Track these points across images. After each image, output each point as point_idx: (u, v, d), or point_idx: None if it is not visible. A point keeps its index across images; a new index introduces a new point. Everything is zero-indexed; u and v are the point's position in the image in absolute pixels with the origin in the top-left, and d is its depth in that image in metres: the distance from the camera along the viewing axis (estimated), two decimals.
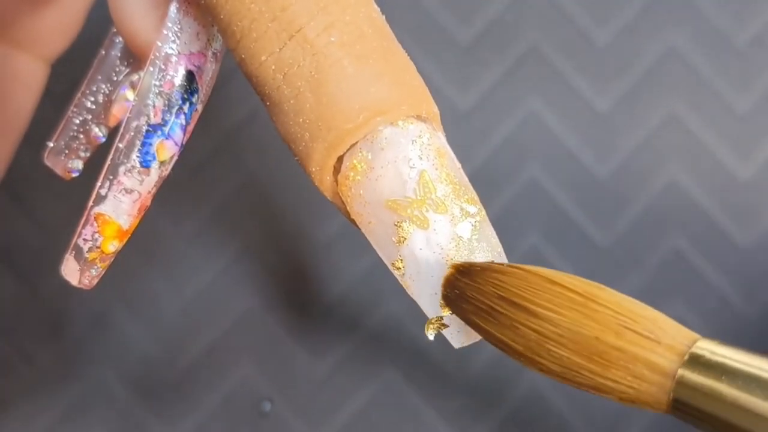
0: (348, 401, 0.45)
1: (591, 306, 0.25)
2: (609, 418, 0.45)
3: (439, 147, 0.26)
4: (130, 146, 0.27)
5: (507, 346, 0.25)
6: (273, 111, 0.26)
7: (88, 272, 0.28)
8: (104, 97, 0.33)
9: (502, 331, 0.25)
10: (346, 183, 0.26)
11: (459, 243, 0.26)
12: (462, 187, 0.26)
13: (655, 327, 0.24)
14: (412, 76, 0.27)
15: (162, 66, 0.27)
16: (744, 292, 0.45)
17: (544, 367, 0.25)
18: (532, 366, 0.25)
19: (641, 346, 0.24)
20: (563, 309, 0.25)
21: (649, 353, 0.24)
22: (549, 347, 0.25)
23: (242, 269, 0.46)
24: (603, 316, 0.24)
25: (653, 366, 0.24)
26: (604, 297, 0.25)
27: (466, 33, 0.47)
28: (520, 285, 0.25)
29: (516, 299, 0.25)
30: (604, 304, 0.25)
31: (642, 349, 0.24)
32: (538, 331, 0.25)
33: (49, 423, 0.45)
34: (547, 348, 0.25)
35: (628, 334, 0.24)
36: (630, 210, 0.46)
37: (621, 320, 0.24)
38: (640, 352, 0.24)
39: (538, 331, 0.25)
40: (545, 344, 0.25)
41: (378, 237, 0.26)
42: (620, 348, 0.24)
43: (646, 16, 0.47)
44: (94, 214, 0.27)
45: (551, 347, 0.25)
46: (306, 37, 0.25)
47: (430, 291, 0.27)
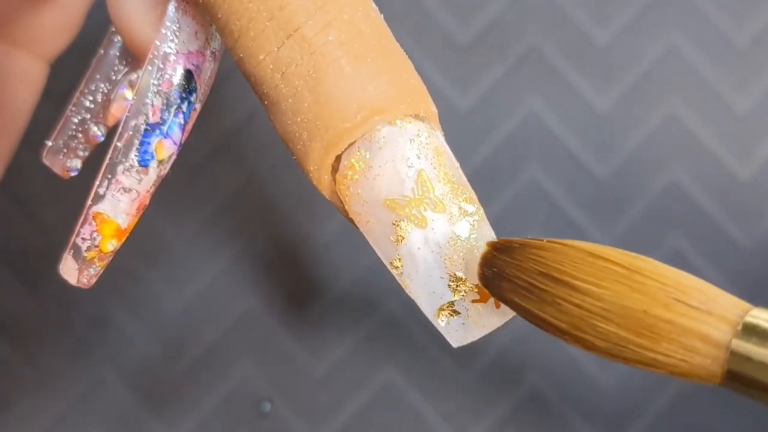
0: (348, 401, 0.45)
1: (636, 278, 0.24)
2: (609, 419, 0.45)
3: (437, 146, 0.26)
4: (128, 145, 0.27)
5: (549, 324, 0.25)
6: (271, 110, 0.26)
7: (87, 271, 0.28)
8: (103, 97, 0.33)
9: (543, 309, 0.25)
10: (344, 182, 0.26)
11: (457, 242, 0.26)
12: (460, 186, 0.26)
13: (705, 297, 0.24)
14: (410, 75, 0.27)
15: (160, 65, 0.27)
16: (744, 292, 0.45)
17: (589, 344, 0.24)
18: (577, 343, 0.25)
19: (692, 318, 0.23)
20: (607, 282, 0.24)
21: (701, 324, 0.23)
22: (594, 323, 0.24)
23: (242, 269, 0.46)
24: (650, 289, 0.24)
25: (706, 338, 0.23)
26: (650, 269, 0.24)
27: (466, 33, 0.47)
28: (560, 260, 0.25)
29: (557, 274, 0.25)
30: (650, 275, 0.24)
31: (693, 321, 0.23)
32: (582, 307, 0.24)
33: (49, 423, 0.45)
34: (593, 323, 0.24)
35: (677, 306, 0.23)
36: (630, 210, 0.46)
37: (669, 292, 0.24)
38: (692, 324, 0.23)
39: (582, 307, 0.24)
40: (590, 320, 0.24)
41: (376, 236, 0.27)
42: (670, 320, 0.23)
43: (646, 16, 0.47)
44: (93, 213, 0.27)
45: (597, 322, 0.24)
46: (304, 36, 0.25)
47: (428, 290, 0.27)
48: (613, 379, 0.45)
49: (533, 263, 0.25)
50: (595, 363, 0.45)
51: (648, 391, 0.45)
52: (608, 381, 0.45)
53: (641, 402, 0.45)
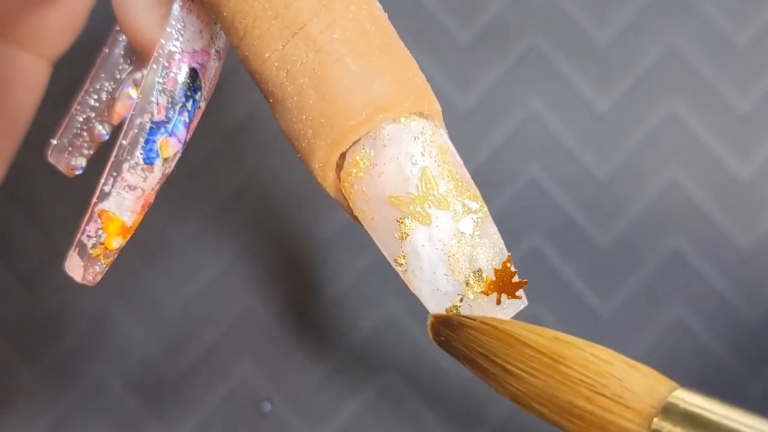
0: (348, 401, 0.45)
1: (560, 369, 0.25)
2: None
3: (442, 144, 0.27)
4: (133, 143, 0.27)
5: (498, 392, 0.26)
6: (276, 108, 0.26)
7: (92, 268, 0.28)
8: (107, 95, 0.33)
9: (488, 381, 0.26)
10: (349, 179, 0.26)
11: (461, 239, 0.26)
12: (464, 183, 0.27)
13: (623, 389, 0.25)
14: (415, 73, 0.27)
15: (165, 63, 0.27)
16: (744, 293, 0.45)
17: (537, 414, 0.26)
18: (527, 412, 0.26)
19: (611, 411, 0.25)
20: (536, 372, 0.26)
21: (619, 418, 0.25)
22: (531, 404, 0.26)
23: (242, 269, 0.46)
24: (573, 380, 0.25)
25: (624, 431, 0.25)
26: (573, 358, 0.26)
27: (466, 33, 0.47)
28: (494, 344, 0.26)
29: (493, 357, 0.26)
30: (572, 366, 0.25)
31: (612, 414, 0.25)
32: (519, 389, 0.26)
33: (49, 423, 0.45)
34: (530, 404, 0.26)
35: (598, 399, 0.25)
36: (630, 210, 0.46)
37: (590, 384, 0.25)
38: (611, 417, 0.25)
39: (519, 389, 0.26)
40: (527, 401, 0.26)
41: (380, 233, 0.27)
42: (593, 413, 0.25)
43: (646, 16, 0.47)
44: (98, 211, 0.28)
45: (533, 404, 0.26)
46: (309, 35, 0.25)
47: (432, 287, 0.27)
48: None
49: (472, 343, 0.26)
50: None
51: None
52: None
53: None
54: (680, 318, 0.45)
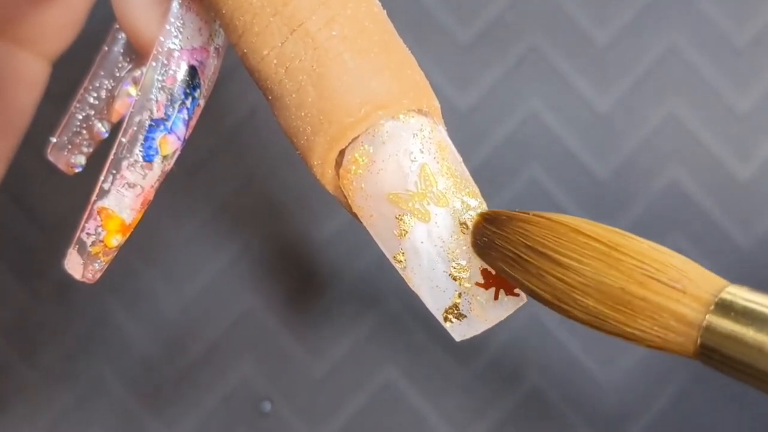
0: (348, 401, 0.45)
1: (615, 255, 0.25)
2: (609, 418, 0.45)
3: (440, 140, 0.27)
4: (133, 141, 0.27)
5: (534, 294, 0.26)
6: (275, 105, 0.26)
7: (92, 266, 0.28)
8: (107, 93, 0.33)
9: (529, 279, 0.26)
10: (348, 176, 0.26)
11: (460, 236, 0.26)
12: (463, 180, 0.27)
13: (681, 276, 0.24)
14: (413, 70, 0.27)
15: (164, 61, 0.27)
16: None
17: (572, 315, 0.25)
18: (561, 313, 0.25)
19: (666, 296, 0.24)
20: (587, 258, 0.25)
21: (675, 303, 0.24)
22: (575, 296, 0.25)
23: (242, 269, 0.46)
24: (627, 266, 0.24)
25: (679, 316, 0.24)
26: (629, 246, 0.25)
27: (466, 33, 0.47)
28: (544, 234, 0.25)
29: (541, 248, 0.25)
30: (628, 253, 0.25)
31: (667, 299, 0.24)
32: (563, 280, 0.25)
33: (49, 423, 0.45)
34: (573, 297, 0.25)
35: (652, 284, 0.24)
36: (630, 210, 0.46)
37: (645, 269, 0.24)
38: (666, 302, 0.24)
39: (563, 280, 0.25)
40: (571, 293, 0.25)
41: (380, 230, 0.27)
42: (645, 298, 0.24)
43: (646, 16, 0.47)
44: (98, 209, 0.28)
45: (577, 296, 0.25)
46: (307, 32, 0.25)
47: (431, 284, 0.27)
48: (614, 379, 0.45)
49: (519, 236, 0.26)
50: (595, 362, 0.45)
51: (648, 391, 0.45)
52: (608, 380, 0.45)
53: (641, 402, 0.45)
54: None
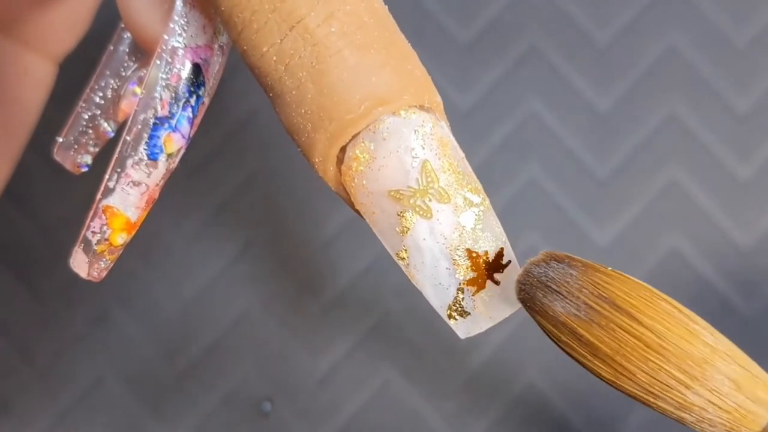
0: (348, 401, 0.45)
1: (695, 328, 0.25)
2: (607, 417, 0.45)
3: (442, 136, 0.27)
4: (137, 139, 0.27)
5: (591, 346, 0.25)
6: (276, 102, 0.26)
7: (97, 264, 0.28)
8: (113, 93, 0.33)
9: (591, 330, 0.25)
10: (349, 173, 0.26)
11: (462, 232, 0.26)
12: (465, 176, 0.26)
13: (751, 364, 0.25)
14: (415, 66, 0.27)
15: (169, 59, 0.27)
16: (744, 292, 0.45)
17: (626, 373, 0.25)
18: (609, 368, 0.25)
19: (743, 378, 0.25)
20: (670, 324, 0.25)
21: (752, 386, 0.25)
22: (648, 356, 0.25)
23: (242, 269, 0.46)
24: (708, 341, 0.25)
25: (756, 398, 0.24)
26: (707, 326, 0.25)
27: (466, 33, 0.47)
28: (627, 291, 0.25)
29: (621, 303, 0.25)
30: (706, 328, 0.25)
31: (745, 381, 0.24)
32: (639, 339, 0.25)
33: (49, 423, 0.45)
34: (645, 356, 0.25)
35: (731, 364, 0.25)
36: (630, 210, 0.46)
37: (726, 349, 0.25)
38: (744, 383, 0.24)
39: (639, 339, 0.25)
40: (644, 353, 0.25)
41: (382, 227, 0.27)
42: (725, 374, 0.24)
43: (646, 16, 0.47)
44: (103, 207, 0.28)
45: (651, 357, 0.25)
46: (307, 28, 0.25)
47: (434, 281, 0.27)
48: None
49: (595, 286, 0.26)
50: None
51: None
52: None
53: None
54: None
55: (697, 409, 0.25)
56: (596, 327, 0.25)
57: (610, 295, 0.25)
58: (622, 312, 0.25)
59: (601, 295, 0.25)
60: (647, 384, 0.25)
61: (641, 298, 0.25)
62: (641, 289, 0.26)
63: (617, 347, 0.25)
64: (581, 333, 0.25)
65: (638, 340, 0.25)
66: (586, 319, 0.25)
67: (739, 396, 0.24)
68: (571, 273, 0.26)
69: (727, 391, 0.24)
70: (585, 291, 0.25)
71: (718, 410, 0.24)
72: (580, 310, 0.25)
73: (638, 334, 0.25)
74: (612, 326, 0.25)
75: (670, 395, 0.25)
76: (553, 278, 0.26)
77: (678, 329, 0.25)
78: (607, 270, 0.26)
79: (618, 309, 0.25)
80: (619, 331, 0.25)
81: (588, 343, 0.25)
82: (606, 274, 0.26)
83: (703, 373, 0.24)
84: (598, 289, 0.25)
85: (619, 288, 0.25)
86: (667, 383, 0.25)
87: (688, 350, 0.25)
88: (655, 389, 0.25)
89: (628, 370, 0.25)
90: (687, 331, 0.25)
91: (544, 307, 0.26)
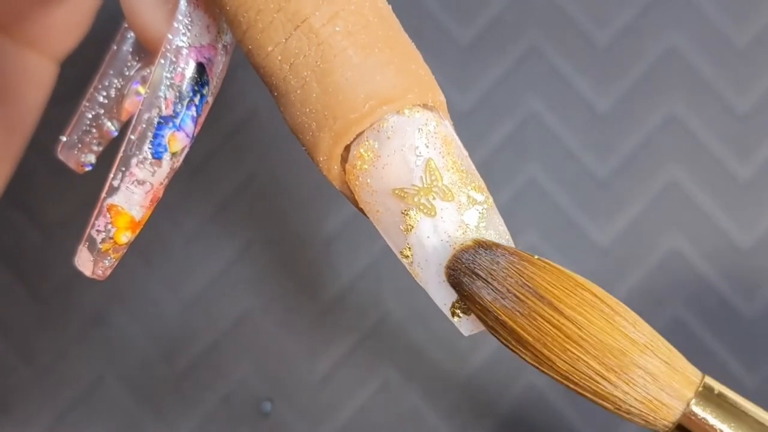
0: (348, 401, 0.45)
1: (618, 320, 0.26)
2: (607, 417, 0.45)
3: (446, 135, 0.27)
4: (142, 138, 0.27)
5: (513, 332, 0.26)
6: (281, 101, 0.26)
7: (102, 263, 0.29)
8: (116, 92, 0.33)
9: (515, 318, 0.26)
10: (354, 172, 0.26)
11: (466, 230, 0.26)
12: (469, 174, 0.27)
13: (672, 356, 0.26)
14: (418, 65, 0.27)
15: (173, 58, 0.27)
16: (744, 292, 0.45)
17: (548, 363, 0.26)
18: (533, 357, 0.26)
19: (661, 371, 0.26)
20: (591, 315, 0.26)
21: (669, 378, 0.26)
22: (567, 347, 0.26)
23: (242, 269, 0.46)
24: (628, 333, 0.26)
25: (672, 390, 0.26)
26: (629, 315, 0.26)
27: (466, 33, 0.47)
28: (550, 281, 0.26)
29: (543, 293, 0.26)
30: (628, 320, 0.26)
31: (662, 373, 0.26)
32: (560, 329, 0.26)
33: (49, 423, 0.45)
34: (565, 347, 0.26)
35: (650, 356, 0.26)
36: (630, 210, 0.46)
37: (646, 341, 0.26)
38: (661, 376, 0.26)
39: (560, 329, 0.26)
40: (564, 343, 0.26)
41: (386, 225, 0.27)
42: (642, 366, 0.26)
43: (646, 16, 0.47)
44: (107, 205, 0.28)
45: (570, 347, 0.26)
46: (311, 27, 0.25)
47: (438, 279, 0.27)
48: None
49: (520, 275, 0.26)
50: None
51: None
52: None
53: None
54: (680, 317, 0.45)
55: (613, 399, 0.26)
56: (519, 315, 0.26)
57: (534, 284, 0.26)
58: (544, 302, 0.26)
59: (525, 284, 0.26)
60: (566, 372, 0.26)
61: (564, 289, 0.26)
62: (566, 279, 0.26)
63: (538, 336, 0.26)
64: (504, 320, 0.26)
65: (558, 330, 0.26)
66: (510, 307, 0.26)
67: (654, 388, 0.25)
68: (498, 261, 0.26)
69: (642, 383, 0.26)
70: (510, 280, 0.26)
71: (635, 401, 0.26)
72: (504, 298, 0.26)
73: (558, 325, 0.26)
74: (534, 315, 0.26)
75: (589, 384, 0.26)
76: (480, 265, 0.26)
77: (598, 321, 0.26)
78: (534, 259, 0.27)
79: (540, 298, 0.26)
80: (540, 321, 0.26)
81: (511, 331, 0.26)
82: (532, 264, 0.26)
83: (620, 364, 0.25)
84: (523, 278, 0.26)
85: (543, 277, 0.26)
86: (585, 373, 0.26)
87: (606, 342, 0.26)
88: (574, 377, 0.26)
89: (549, 359, 0.26)
90: (607, 322, 0.26)
91: (471, 293, 0.27)
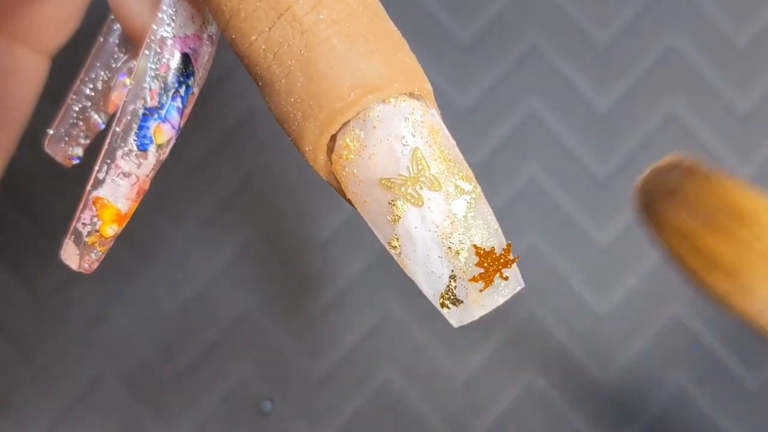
0: (348, 401, 0.45)
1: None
2: (608, 416, 0.45)
3: (433, 124, 0.26)
4: (127, 130, 0.27)
5: (713, 254, 0.24)
6: (265, 91, 0.26)
7: (88, 256, 0.28)
8: (103, 84, 0.33)
9: (712, 241, 0.24)
10: (340, 162, 0.26)
11: (454, 220, 0.26)
12: (456, 164, 0.26)
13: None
14: (405, 54, 0.27)
15: (157, 49, 0.27)
16: None
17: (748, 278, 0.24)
18: (728, 282, 0.24)
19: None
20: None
21: None
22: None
23: (241, 269, 0.46)
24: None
25: None
26: None
27: (466, 33, 0.47)
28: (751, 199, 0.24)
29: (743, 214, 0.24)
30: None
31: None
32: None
33: (49, 422, 0.45)
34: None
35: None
36: (629, 210, 0.46)
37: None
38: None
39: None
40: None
41: (373, 216, 0.26)
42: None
43: (646, 16, 0.47)
44: (93, 198, 0.27)
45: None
46: (295, 16, 0.25)
47: (426, 269, 0.26)
48: (613, 377, 0.45)
49: (718, 197, 0.24)
50: (594, 360, 0.45)
51: (647, 389, 0.45)
52: (608, 378, 0.45)
53: (640, 400, 0.45)
54: (680, 317, 0.45)
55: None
56: (718, 238, 0.24)
57: (734, 205, 0.24)
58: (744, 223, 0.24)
59: (725, 207, 0.24)
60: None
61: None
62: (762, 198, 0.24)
63: (739, 259, 0.24)
64: (707, 245, 0.24)
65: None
66: (709, 229, 0.24)
67: None
68: (695, 183, 0.24)
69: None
70: (708, 202, 0.24)
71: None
72: (701, 220, 0.24)
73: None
74: (734, 238, 0.24)
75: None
76: (675, 187, 0.25)
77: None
78: (730, 182, 0.25)
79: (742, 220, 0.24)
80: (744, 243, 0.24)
81: (712, 254, 0.24)
82: (729, 186, 0.24)
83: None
84: (722, 200, 0.24)
85: (742, 198, 0.24)
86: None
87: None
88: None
89: (749, 275, 0.24)
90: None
91: (662, 215, 0.25)
